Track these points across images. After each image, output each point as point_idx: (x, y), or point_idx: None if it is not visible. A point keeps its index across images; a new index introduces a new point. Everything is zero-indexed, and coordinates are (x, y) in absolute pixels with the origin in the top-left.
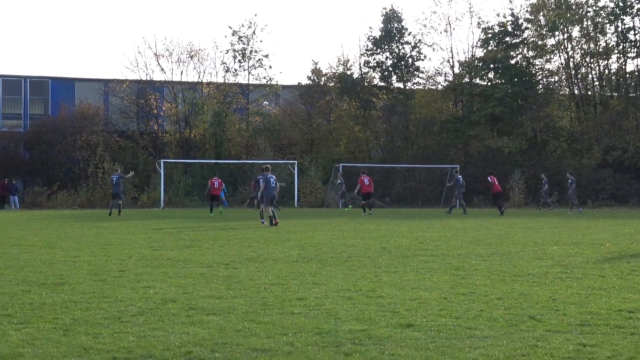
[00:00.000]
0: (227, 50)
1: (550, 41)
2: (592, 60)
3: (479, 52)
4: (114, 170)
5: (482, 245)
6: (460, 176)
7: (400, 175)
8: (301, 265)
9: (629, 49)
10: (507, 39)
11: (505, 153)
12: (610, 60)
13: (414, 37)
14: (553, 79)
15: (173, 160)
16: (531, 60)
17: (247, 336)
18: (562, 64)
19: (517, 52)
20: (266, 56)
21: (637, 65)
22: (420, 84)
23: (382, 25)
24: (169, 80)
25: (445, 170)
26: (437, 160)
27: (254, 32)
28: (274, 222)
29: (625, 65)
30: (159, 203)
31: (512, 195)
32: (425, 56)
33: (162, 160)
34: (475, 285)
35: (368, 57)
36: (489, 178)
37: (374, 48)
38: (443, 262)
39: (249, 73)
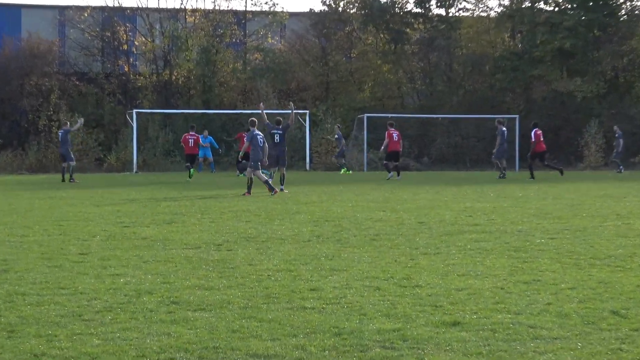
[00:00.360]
0: None
1: None
2: None
3: None
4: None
5: (549, 219)
6: (504, 128)
7: (442, 128)
8: (315, 246)
9: None
10: None
11: (577, 99)
12: None
13: None
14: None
15: (149, 111)
16: None
17: (246, 338)
18: None
19: None
20: None
21: None
22: (467, 10)
23: None
24: (143, 7)
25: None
26: (490, 108)
27: None
28: (274, 191)
29: None
30: (130, 166)
31: (588, 153)
32: None
33: (134, 110)
34: (541, 271)
35: None
36: (533, 132)
37: None
38: (499, 241)
39: None
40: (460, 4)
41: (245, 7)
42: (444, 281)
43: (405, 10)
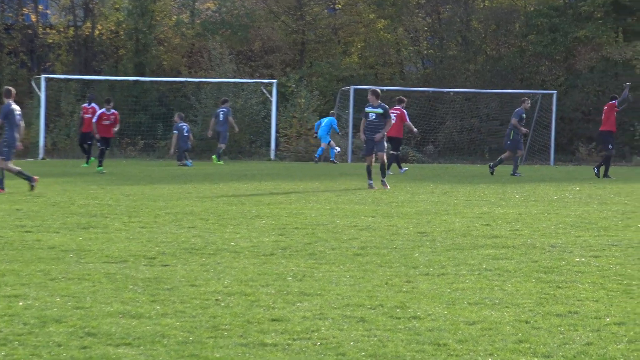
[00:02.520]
0: None
1: None
2: None
3: None
4: None
5: (592, 231)
6: (520, 108)
7: (454, 107)
8: (280, 262)
9: None
10: None
11: (637, 70)
12: None
13: None
14: None
15: (62, 76)
16: None
17: None
18: None
19: None
20: None
21: None
22: None
23: None
24: None
25: (533, 100)
26: (519, 81)
27: None
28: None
29: None
30: (35, 150)
31: None
32: None
33: (43, 76)
34: (579, 301)
35: None
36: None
37: None
38: (524, 259)
39: None
40: None
41: None
42: (450, 312)
43: None
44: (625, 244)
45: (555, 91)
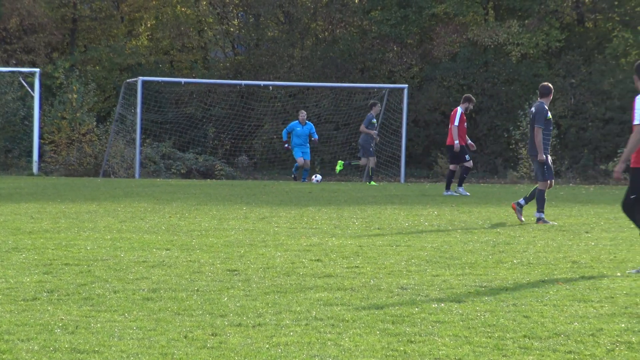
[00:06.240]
0: None
1: None
2: None
3: None
4: None
5: (454, 268)
6: (372, 114)
7: (275, 106)
8: (45, 309)
9: None
10: None
11: (512, 58)
12: None
13: None
14: None
15: None
16: None
17: None
18: None
19: None
20: None
21: None
22: None
23: None
24: None
25: (377, 96)
26: (359, 72)
27: None
28: None
29: None
30: None
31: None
32: None
33: None
34: (437, 359)
35: None
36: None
37: None
38: (366, 305)
39: None
40: None
41: None
42: None
43: None
44: (497, 285)
45: (406, 85)
